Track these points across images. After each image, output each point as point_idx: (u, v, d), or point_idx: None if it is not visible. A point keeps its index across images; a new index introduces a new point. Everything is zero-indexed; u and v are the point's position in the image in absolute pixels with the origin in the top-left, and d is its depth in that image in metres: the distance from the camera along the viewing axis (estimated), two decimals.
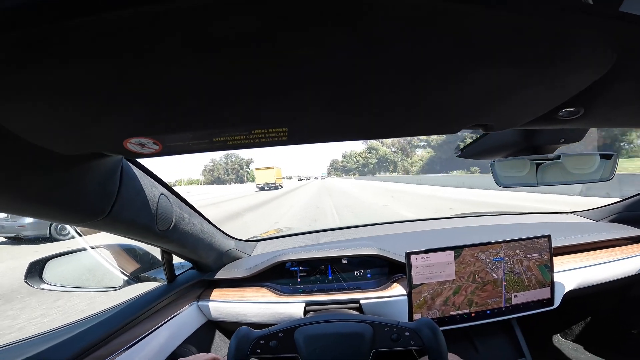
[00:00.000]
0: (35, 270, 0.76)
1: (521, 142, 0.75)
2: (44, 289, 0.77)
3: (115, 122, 0.31)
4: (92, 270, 0.89)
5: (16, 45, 0.20)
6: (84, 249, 0.84)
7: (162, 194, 0.68)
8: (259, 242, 1.40)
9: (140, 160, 0.62)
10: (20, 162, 0.36)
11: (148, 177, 0.64)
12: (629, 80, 0.37)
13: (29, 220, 6.47)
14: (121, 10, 0.18)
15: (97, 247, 0.85)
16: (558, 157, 0.80)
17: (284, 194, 22.08)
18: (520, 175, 0.82)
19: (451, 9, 0.21)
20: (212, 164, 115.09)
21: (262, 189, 35.53)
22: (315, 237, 1.44)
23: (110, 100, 0.27)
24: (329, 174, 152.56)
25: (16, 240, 6.99)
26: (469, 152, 0.84)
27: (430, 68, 0.28)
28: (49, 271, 0.78)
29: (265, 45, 0.22)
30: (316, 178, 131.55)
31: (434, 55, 0.26)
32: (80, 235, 0.73)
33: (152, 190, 0.64)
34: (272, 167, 38.81)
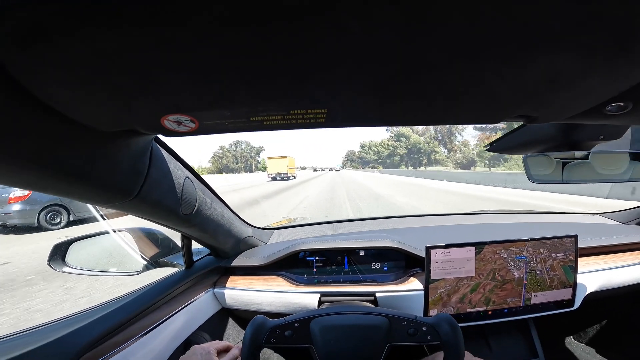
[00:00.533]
0: (59, 253, 0.77)
1: (559, 137, 0.72)
2: (65, 272, 0.78)
3: (155, 97, 0.31)
4: (113, 253, 0.90)
5: (58, 13, 0.19)
6: (107, 232, 0.84)
7: (187, 177, 0.68)
8: (276, 231, 1.39)
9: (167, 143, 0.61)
10: (57, 138, 0.35)
11: (174, 159, 0.64)
12: None
13: (15, 207, 6.34)
14: None
15: (119, 230, 0.85)
16: (586, 156, 0.77)
17: (298, 184, 21.87)
18: (547, 173, 0.79)
19: None
20: (221, 152, 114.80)
21: (274, 179, 34.16)
22: (332, 227, 1.44)
23: (149, 74, 0.27)
24: (344, 165, 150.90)
25: (2, 228, 6.56)
26: (499, 146, 0.81)
27: (485, 51, 0.26)
28: (72, 254, 0.79)
29: (308, 19, 0.21)
30: (330, 169, 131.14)
31: (492, 38, 0.24)
32: (103, 218, 0.73)
33: (178, 173, 0.64)
34: (285, 157, 37.59)
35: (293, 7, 0.20)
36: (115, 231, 0.84)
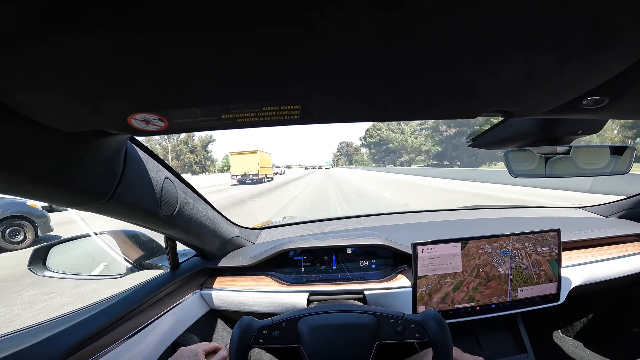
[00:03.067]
0: (39, 257, 0.75)
1: (538, 132, 0.73)
2: (47, 276, 0.76)
3: (119, 97, 0.30)
4: (96, 256, 0.88)
5: (23, 18, 0.19)
6: (88, 236, 0.82)
7: (166, 177, 0.67)
8: (263, 230, 1.39)
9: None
10: (23, 142, 0.34)
11: (153, 160, 0.63)
12: None
13: None
14: None
15: (101, 234, 0.84)
16: (568, 151, 0.79)
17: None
18: (530, 168, 0.80)
19: None
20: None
21: (242, 182, 25.66)
22: (320, 225, 1.44)
23: (116, 73, 0.26)
24: (335, 162, 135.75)
25: None
26: (481, 142, 0.82)
27: (461, 52, 0.26)
28: (52, 258, 0.77)
29: (280, 19, 0.21)
30: (319, 168, 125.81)
31: (471, 37, 0.24)
32: (84, 221, 0.72)
33: (156, 173, 0.63)
34: (255, 152, 27.04)
35: (263, 8, 0.20)
36: (97, 234, 0.83)
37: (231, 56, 0.25)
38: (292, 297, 1.02)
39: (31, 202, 5.58)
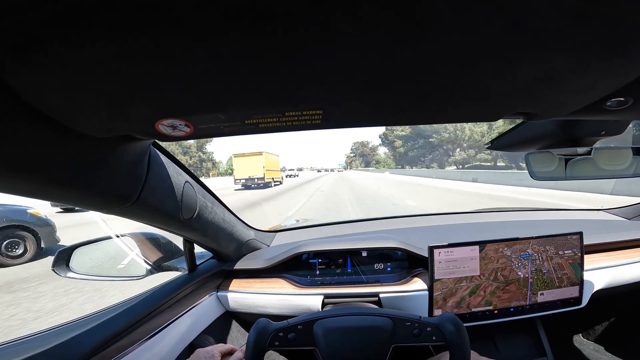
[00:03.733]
0: (63, 259, 0.78)
1: (559, 133, 0.72)
2: (70, 277, 0.78)
3: (148, 102, 0.31)
4: (117, 258, 0.90)
5: (55, 20, 0.19)
6: (110, 238, 0.85)
7: (186, 181, 0.68)
8: (278, 233, 1.40)
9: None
10: (54, 146, 0.35)
11: (174, 164, 0.64)
12: None
13: None
14: None
15: (122, 236, 0.86)
16: (589, 152, 0.77)
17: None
18: (550, 170, 0.78)
19: None
20: None
21: (247, 187, 23.07)
22: (335, 228, 1.43)
23: (143, 81, 0.27)
24: (349, 165, 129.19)
25: None
26: (500, 144, 0.81)
27: (480, 53, 0.26)
28: (75, 259, 0.80)
29: (300, 23, 0.21)
30: (332, 170, 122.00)
31: (488, 38, 0.24)
32: (105, 223, 0.74)
33: (177, 177, 0.64)
34: (260, 153, 23.84)
35: (284, 13, 0.20)
36: (118, 236, 0.85)
37: (252, 62, 0.25)
38: (307, 299, 1.02)
39: (34, 210, 4.96)
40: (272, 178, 24.77)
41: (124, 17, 0.20)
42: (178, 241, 0.88)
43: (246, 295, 1.06)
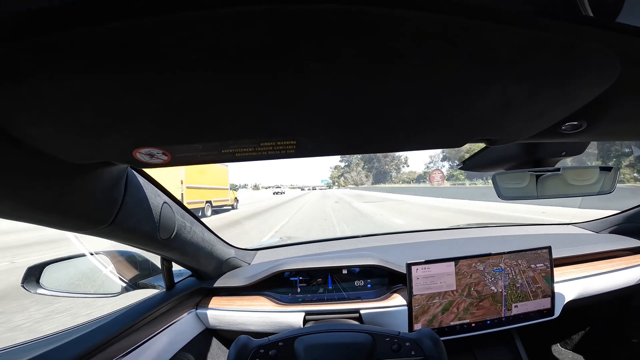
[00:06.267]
0: (33, 275, 0.76)
1: (523, 155, 0.76)
2: (40, 294, 0.76)
3: (126, 133, 0.31)
4: (91, 276, 0.88)
5: (33, 52, 0.20)
6: (83, 255, 0.83)
7: (165, 202, 0.68)
8: (259, 251, 1.39)
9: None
10: (29, 170, 0.36)
11: (152, 185, 0.64)
12: (630, 94, 0.38)
13: None
14: (137, 19, 0.18)
15: (96, 254, 0.84)
16: (558, 170, 0.81)
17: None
18: (521, 187, 0.82)
19: (463, 26, 0.21)
20: None
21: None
22: (316, 246, 1.44)
23: (121, 111, 0.27)
24: (334, 182, 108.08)
25: None
26: (470, 165, 0.85)
27: (441, 83, 0.28)
28: (46, 276, 0.78)
29: (273, 59, 0.22)
30: (313, 188, 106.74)
31: (445, 71, 0.26)
32: (78, 240, 0.72)
33: (155, 198, 0.64)
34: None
35: (254, 48, 0.21)
36: (92, 254, 0.83)
37: (226, 97, 0.26)
38: (289, 316, 1.02)
39: None
40: (208, 201, 12.93)
41: (102, 53, 0.20)
42: (155, 259, 0.87)
43: (226, 312, 1.04)
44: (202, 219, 0.90)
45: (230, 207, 15.35)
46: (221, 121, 0.31)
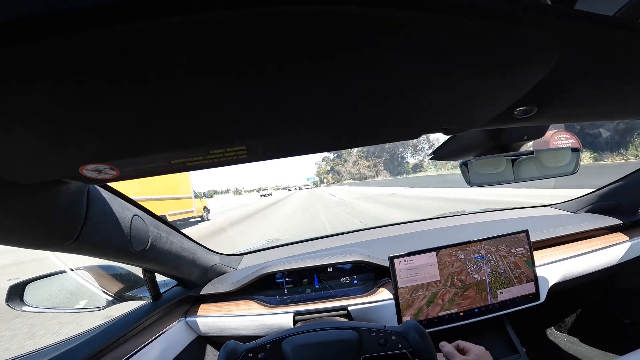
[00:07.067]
0: (16, 294, 0.77)
1: (488, 141, 0.77)
2: (26, 311, 0.78)
3: (68, 150, 0.31)
4: (75, 291, 0.89)
5: None
6: (64, 272, 0.84)
7: (135, 215, 0.69)
8: (245, 256, 1.40)
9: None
10: None
11: (119, 199, 0.65)
12: (574, 78, 0.38)
13: None
14: (77, 32, 0.17)
15: (76, 269, 0.85)
16: (532, 153, 0.83)
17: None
18: (498, 172, 0.84)
19: (409, 18, 0.21)
20: None
21: None
22: (302, 246, 1.45)
23: (61, 127, 0.26)
24: (321, 179, 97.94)
25: None
26: (440, 154, 0.86)
27: (389, 78, 0.28)
28: (29, 293, 0.79)
29: (215, 66, 0.21)
30: (299, 188, 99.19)
31: (392, 65, 0.26)
32: (56, 256, 0.73)
33: (123, 212, 0.65)
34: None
35: (197, 55, 0.20)
36: (72, 270, 0.84)
37: (169, 107, 0.26)
38: (278, 318, 1.03)
39: None
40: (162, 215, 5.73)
41: (33, 68, 0.19)
42: (139, 271, 0.89)
43: (216, 319, 1.06)
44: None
45: (198, 219, 12.99)
46: (165, 132, 0.30)
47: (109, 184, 0.60)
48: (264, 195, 50.83)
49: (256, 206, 19.68)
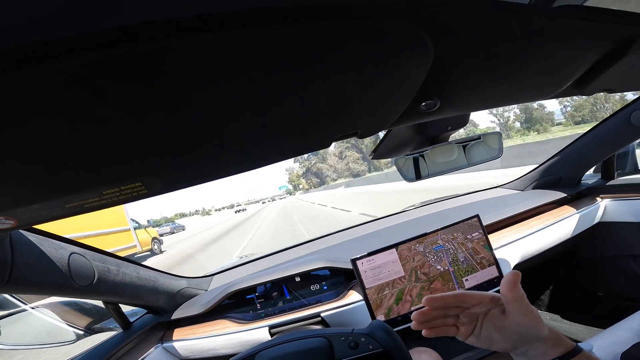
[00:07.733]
0: None
1: (416, 135, 0.81)
2: None
3: None
4: (41, 327, 0.91)
5: None
6: (24, 310, 0.86)
7: (73, 252, 0.70)
8: (216, 276, 1.41)
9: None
10: None
11: (49, 239, 0.66)
12: (460, 65, 0.38)
13: None
14: None
15: (37, 307, 0.87)
16: (479, 138, 0.88)
17: None
18: (453, 160, 0.88)
19: (275, 32, 0.20)
20: None
21: None
22: (272, 259, 1.46)
23: None
24: (295, 186, 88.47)
25: None
26: (380, 153, 0.90)
27: (277, 94, 0.27)
28: None
29: (57, 109, 0.20)
30: (272, 199, 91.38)
31: (276, 83, 0.25)
32: (13, 297, 0.75)
33: (57, 251, 0.66)
34: None
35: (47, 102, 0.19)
36: (33, 308, 0.86)
37: (31, 155, 0.24)
38: (254, 333, 1.04)
39: None
40: None
41: None
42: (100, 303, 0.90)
43: (194, 341, 1.07)
44: None
45: (148, 253, 10.38)
46: (45, 177, 0.27)
47: (36, 226, 0.62)
48: (239, 211, 49.42)
49: (223, 227, 18.75)
